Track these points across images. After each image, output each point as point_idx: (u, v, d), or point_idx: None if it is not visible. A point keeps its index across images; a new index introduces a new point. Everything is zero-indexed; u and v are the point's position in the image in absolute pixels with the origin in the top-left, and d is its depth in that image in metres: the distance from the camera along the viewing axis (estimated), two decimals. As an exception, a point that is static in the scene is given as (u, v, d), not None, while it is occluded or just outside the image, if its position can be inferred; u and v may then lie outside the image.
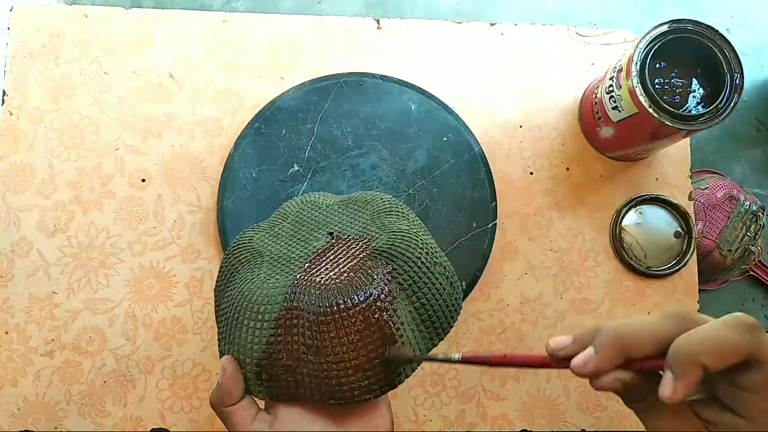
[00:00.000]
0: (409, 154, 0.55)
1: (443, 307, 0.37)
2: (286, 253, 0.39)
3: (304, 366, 0.33)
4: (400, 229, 0.38)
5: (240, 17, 0.58)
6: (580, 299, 0.56)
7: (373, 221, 0.40)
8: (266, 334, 0.34)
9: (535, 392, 0.55)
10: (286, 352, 0.34)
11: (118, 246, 0.54)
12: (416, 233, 0.38)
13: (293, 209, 0.44)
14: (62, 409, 0.53)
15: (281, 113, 0.55)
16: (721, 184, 1.06)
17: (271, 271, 0.37)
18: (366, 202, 0.42)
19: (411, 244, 0.37)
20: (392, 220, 0.40)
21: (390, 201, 0.42)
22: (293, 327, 0.33)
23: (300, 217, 0.42)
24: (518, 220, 0.57)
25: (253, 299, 0.35)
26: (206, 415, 0.53)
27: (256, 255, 0.39)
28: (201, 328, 0.54)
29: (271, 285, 0.36)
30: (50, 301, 0.53)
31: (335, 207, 0.43)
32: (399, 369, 0.34)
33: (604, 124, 0.54)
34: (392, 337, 0.34)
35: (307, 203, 0.44)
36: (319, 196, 0.45)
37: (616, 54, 0.60)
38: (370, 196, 0.43)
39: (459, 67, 0.59)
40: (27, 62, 0.56)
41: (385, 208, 0.41)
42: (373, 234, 0.39)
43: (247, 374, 0.35)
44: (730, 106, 0.47)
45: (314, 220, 0.42)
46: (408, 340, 0.34)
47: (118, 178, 0.55)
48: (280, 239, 0.41)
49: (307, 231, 0.41)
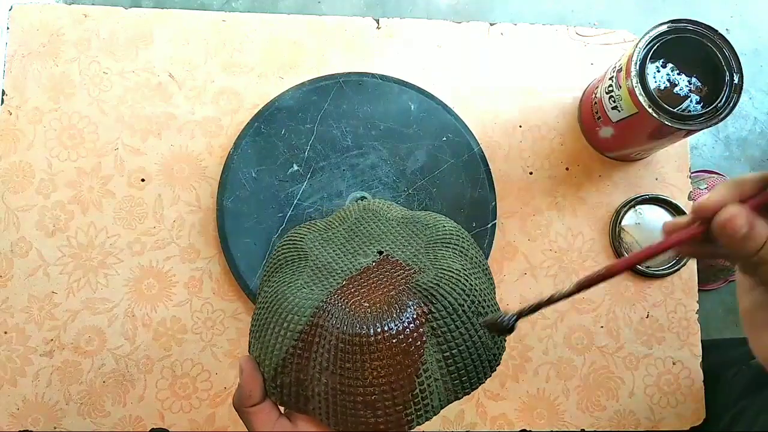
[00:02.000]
0: (408, 154, 0.55)
1: (476, 362, 0.34)
2: (331, 262, 0.38)
3: (316, 385, 0.33)
4: (451, 267, 0.36)
5: (239, 17, 0.58)
6: (579, 299, 0.56)
7: (427, 250, 0.38)
8: (288, 344, 0.33)
9: (535, 392, 0.55)
10: (302, 367, 0.33)
11: (117, 246, 0.54)
12: (467, 276, 0.35)
13: (353, 215, 0.42)
14: (61, 409, 0.53)
15: (281, 113, 0.55)
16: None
17: (311, 279, 0.36)
18: (427, 226, 0.40)
19: (457, 287, 0.34)
20: (447, 254, 0.37)
21: (452, 231, 0.40)
22: (314, 344, 0.33)
23: (357, 226, 0.41)
24: (518, 220, 0.57)
25: (284, 305, 0.34)
26: (205, 415, 0.53)
27: (302, 257, 0.38)
28: (200, 328, 0.54)
29: (305, 295, 0.35)
30: (49, 300, 0.53)
31: (395, 223, 0.41)
32: (411, 414, 0.32)
33: (604, 124, 0.54)
34: (410, 382, 0.32)
35: (369, 211, 0.42)
36: (384, 204, 0.43)
37: (616, 54, 0.60)
38: (434, 219, 0.41)
39: (459, 67, 0.59)
40: (26, 62, 0.56)
41: (444, 238, 0.39)
42: (422, 265, 0.36)
43: (266, 375, 0.35)
44: (730, 106, 0.47)
45: (370, 232, 0.40)
46: (427, 389, 0.33)
47: (118, 178, 0.55)
48: (330, 245, 0.40)
49: (358, 243, 0.40)
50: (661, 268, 0.57)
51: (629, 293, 0.57)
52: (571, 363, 0.56)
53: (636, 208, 0.58)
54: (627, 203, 0.57)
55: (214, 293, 0.54)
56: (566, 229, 0.57)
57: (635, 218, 0.57)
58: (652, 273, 0.57)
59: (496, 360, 0.36)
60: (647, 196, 0.57)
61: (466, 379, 0.34)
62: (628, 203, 0.57)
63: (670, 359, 0.56)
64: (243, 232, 0.53)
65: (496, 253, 0.56)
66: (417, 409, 0.33)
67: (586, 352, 0.56)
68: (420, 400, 0.32)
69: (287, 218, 0.53)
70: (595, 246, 0.57)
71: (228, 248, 0.53)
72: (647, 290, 0.57)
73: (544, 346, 0.56)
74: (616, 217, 0.57)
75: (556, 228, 0.57)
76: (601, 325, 0.56)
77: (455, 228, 0.40)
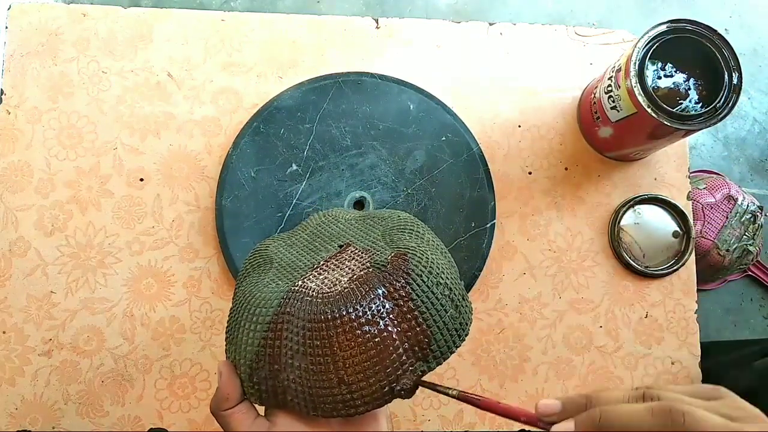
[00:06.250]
0: (407, 154, 0.55)
1: (442, 330, 0.35)
2: (295, 261, 0.40)
3: (290, 372, 0.33)
4: (407, 246, 0.37)
5: (239, 16, 0.58)
6: (578, 299, 0.57)
7: (384, 237, 0.40)
8: (259, 337, 0.34)
9: (534, 392, 0.55)
10: (274, 356, 0.34)
11: (116, 245, 0.54)
12: (423, 251, 0.37)
13: (314, 222, 0.45)
14: (60, 409, 0.52)
15: (280, 113, 0.55)
16: (719, 184, 1.06)
17: (276, 277, 0.38)
18: (382, 218, 0.42)
19: (413, 261, 0.36)
20: (403, 236, 0.39)
21: (406, 219, 0.42)
22: (283, 331, 0.34)
23: (318, 230, 0.43)
24: (517, 220, 0.57)
25: (252, 301, 0.36)
26: (204, 415, 0.53)
27: (267, 261, 0.40)
28: (199, 328, 0.54)
29: (271, 289, 0.36)
30: (48, 300, 0.53)
31: (353, 221, 0.43)
32: (386, 386, 0.33)
33: (603, 123, 0.54)
34: (380, 353, 0.33)
35: (328, 217, 0.45)
36: (341, 210, 0.46)
37: (615, 54, 0.60)
38: (388, 213, 0.43)
39: (458, 67, 0.59)
40: (25, 61, 0.56)
41: (399, 224, 0.41)
42: (380, 248, 0.38)
43: (242, 375, 0.35)
44: (729, 106, 0.47)
45: (330, 232, 0.43)
46: (398, 360, 0.33)
47: (116, 178, 0.55)
48: (294, 248, 0.42)
49: (320, 242, 0.42)
50: (660, 268, 0.57)
51: (628, 293, 0.57)
52: (570, 363, 0.56)
53: (635, 207, 0.58)
54: (626, 203, 0.57)
55: (212, 293, 0.54)
56: (565, 228, 0.57)
57: (634, 218, 0.57)
58: (651, 273, 0.57)
59: (462, 328, 0.37)
60: (646, 195, 0.57)
61: (435, 348, 0.35)
62: (627, 203, 0.57)
63: (668, 359, 0.57)
64: (242, 231, 0.53)
65: (495, 253, 0.56)
66: (391, 380, 0.33)
67: (585, 352, 0.56)
68: (393, 371, 0.33)
69: (286, 218, 0.53)
70: (594, 246, 0.57)
71: (227, 248, 0.53)
72: (646, 290, 0.57)
73: (543, 346, 0.56)
74: (615, 216, 0.57)
75: (555, 228, 0.57)
76: (600, 324, 0.56)
77: (410, 217, 0.42)
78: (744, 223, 1.03)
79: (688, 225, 0.57)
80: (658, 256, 0.57)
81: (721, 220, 1.03)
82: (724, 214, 1.03)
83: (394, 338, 0.33)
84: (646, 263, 0.57)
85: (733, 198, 1.04)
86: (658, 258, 0.57)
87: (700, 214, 1.03)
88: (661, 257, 0.57)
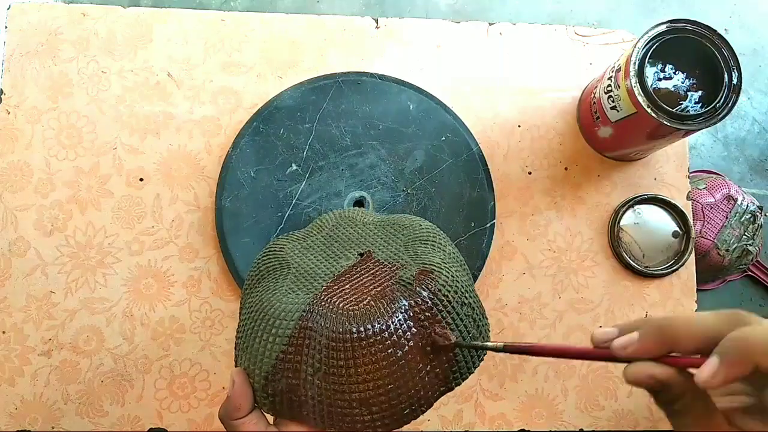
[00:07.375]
0: (407, 154, 0.55)
1: (464, 352, 0.34)
2: (314, 268, 0.38)
3: (309, 388, 0.33)
4: (432, 261, 0.36)
5: (238, 16, 0.58)
6: (578, 299, 0.57)
7: (407, 248, 0.39)
8: (277, 350, 0.33)
9: (534, 392, 0.55)
10: (293, 371, 0.33)
11: (115, 245, 0.54)
12: (449, 268, 0.36)
13: (329, 223, 0.43)
14: (60, 409, 0.52)
15: (280, 112, 0.55)
16: (719, 184, 1.06)
17: (295, 285, 0.37)
18: (404, 227, 0.41)
19: (439, 279, 0.35)
20: (426, 249, 0.38)
21: (429, 229, 0.41)
22: (304, 347, 0.33)
23: (335, 232, 0.42)
24: (516, 220, 0.57)
25: (271, 312, 0.34)
26: (204, 415, 0.53)
27: (284, 265, 0.39)
28: (199, 328, 0.54)
29: (290, 300, 0.35)
30: (48, 300, 0.53)
31: (372, 226, 0.42)
32: (407, 408, 0.32)
33: (603, 123, 0.54)
34: (403, 375, 0.32)
35: (345, 218, 0.43)
36: (359, 212, 0.44)
37: (615, 54, 0.60)
38: (409, 220, 0.42)
39: (457, 67, 0.59)
40: (24, 61, 0.56)
41: (421, 236, 0.40)
42: (403, 262, 0.37)
43: (256, 385, 0.34)
44: (728, 106, 0.47)
45: (348, 237, 0.41)
46: (420, 382, 0.33)
47: (116, 178, 0.55)
48: (311, 252, 0.40)
49: (338, 248, 0.40)
50: (660, 268, 0.57)
51: (628, 293, 0.57)
52: (570, 363, 0.56)
53: (635, 208, 0.58)
54: (626, 203, 0.57)
55: (212, 293, 0.54)
56: (565, 228, 0.57)
57: (634, 218, 0.57)
58: (650, 273, 0.57)
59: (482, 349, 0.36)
60: (646, 196, 0.57)
61: (456, 369, 0.34)
62: (627, 203, 0.57)
63: (668, 359, 0.56)
64: (242, 231, 0.53)
65: (495, 253, 0.56)
66: (411, 402, 0.32)
67: (585, 352, 0.56)
68: (414, 393, 0.32)
69: (286, 218, 0.53)
70: (594, 246, 0.57)
71: (227, 248, 0.53)
72: (646, 290, 0.57)
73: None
74: (615, 216, 0.57)
75: (555, 228, 0.57)
76: (600, 324, 0.56)
77: (431, 227, 0.41)
78: (744, 223, 1.03)
79: (687, 225, 0.57)
80: (657, 256, 0.57)
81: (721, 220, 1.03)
82: (724, 214, 1.03)
83: (418, 360, 0.33)
84: (645, 263, 0.57)
85: (732, 198, 1.04)
86: (658, 258, 0.57)
87: (700, 214, 1.03)
88: (661, 257, 0.57)
